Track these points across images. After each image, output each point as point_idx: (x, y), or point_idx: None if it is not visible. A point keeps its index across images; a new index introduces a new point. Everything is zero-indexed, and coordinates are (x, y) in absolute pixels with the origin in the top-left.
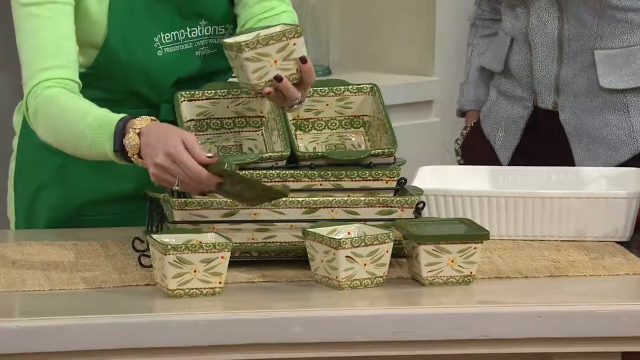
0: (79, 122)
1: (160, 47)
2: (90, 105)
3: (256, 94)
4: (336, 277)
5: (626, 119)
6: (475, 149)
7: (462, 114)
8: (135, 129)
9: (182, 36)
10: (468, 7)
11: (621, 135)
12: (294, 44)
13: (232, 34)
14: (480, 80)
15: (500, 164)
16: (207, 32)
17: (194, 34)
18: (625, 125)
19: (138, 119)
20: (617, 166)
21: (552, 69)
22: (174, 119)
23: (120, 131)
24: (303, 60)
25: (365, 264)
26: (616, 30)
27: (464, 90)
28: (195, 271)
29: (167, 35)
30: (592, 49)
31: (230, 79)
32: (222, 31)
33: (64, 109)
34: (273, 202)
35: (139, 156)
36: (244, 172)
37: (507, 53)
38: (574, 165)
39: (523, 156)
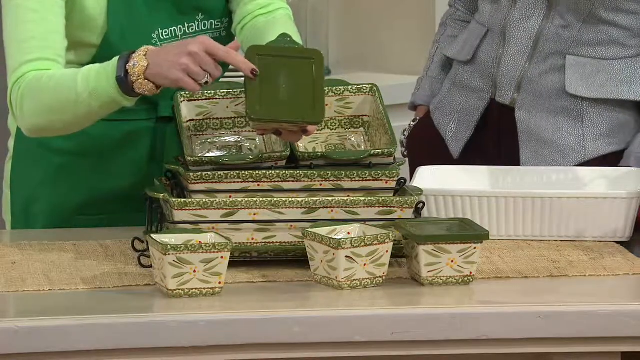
0: (74, 77)
1: (159, 43)
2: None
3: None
4: (336, 277)
5: (579, 127)
6: (423, 141)
7: (414, 108)
8: (140, 53)
9: (180, 32)
10: None
11: (571, 142)
12: None
13: (228, 27)
14: (439, 77)
15: (448, 157)
16: (205, 26)
17: (192, 29)
18: (577, 133)
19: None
20: None
21: (520, 66)
22: (173, 116)
23: (123, 61)
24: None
25: (365, 264)
26: (594, 40)
27: (420, 84)
28: (194, 271)
29: (165, 31)
30: (565, 54)
31: (229, 79)
32: (218, 25)
33: (52, 77)
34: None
35: (145, 78)
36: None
37: (480, 43)
38: (520, 164)
39: (474, 150)
